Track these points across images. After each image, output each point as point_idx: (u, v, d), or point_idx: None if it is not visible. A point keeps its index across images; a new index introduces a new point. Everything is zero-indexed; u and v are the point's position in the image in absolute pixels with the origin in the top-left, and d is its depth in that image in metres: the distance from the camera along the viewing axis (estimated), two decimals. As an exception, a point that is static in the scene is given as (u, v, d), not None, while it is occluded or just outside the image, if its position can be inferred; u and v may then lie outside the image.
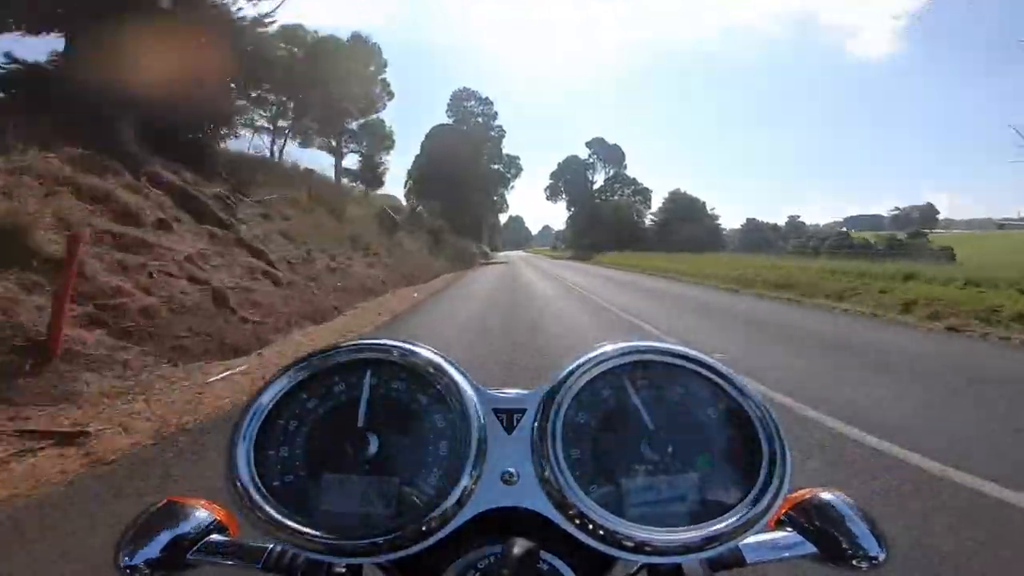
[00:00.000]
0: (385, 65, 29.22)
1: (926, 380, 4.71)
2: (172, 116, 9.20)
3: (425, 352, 0.47)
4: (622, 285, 16.43)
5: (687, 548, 0.39)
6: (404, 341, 0.48)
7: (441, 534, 0.40)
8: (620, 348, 0.47)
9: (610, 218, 55.69)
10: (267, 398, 0.45)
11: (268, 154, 20.37)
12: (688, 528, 0.40)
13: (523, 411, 0.45)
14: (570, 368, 0.46)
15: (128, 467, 2.72)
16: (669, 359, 0.47)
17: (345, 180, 26.65)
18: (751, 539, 0.43)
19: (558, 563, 0.41)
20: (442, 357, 0.47)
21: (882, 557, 0.45)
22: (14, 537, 2.07)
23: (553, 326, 7.84)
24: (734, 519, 0.40)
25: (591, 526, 0.40)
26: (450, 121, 48.92)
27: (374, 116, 30.06)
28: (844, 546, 0.45)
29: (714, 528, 0.40)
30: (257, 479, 0.42)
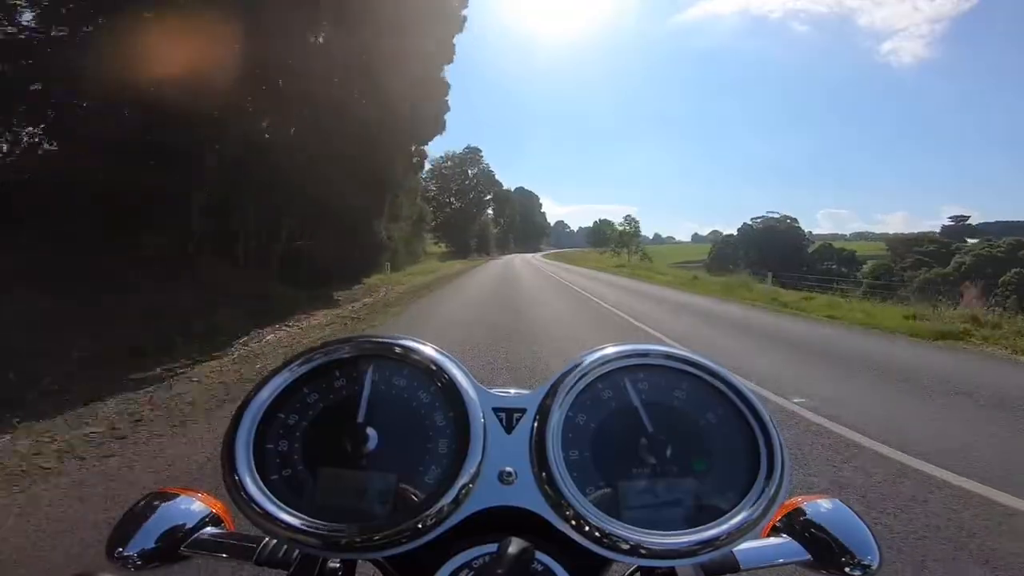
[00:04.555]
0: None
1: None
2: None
3: (427, 350, 0.47)
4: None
5: (681, 552, 0.40)
6: (407, 338, 0.48)
7: (437, 532, 0.40)
8: (621, 350, 0.47)
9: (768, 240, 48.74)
10: (267, 392, 0.45)
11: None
12: (683, 532, 0.40)
13: (523, 411, 0.45)
14: (571, 369, 0.46)
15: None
16: (670, 363, 0.47)
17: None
18: (745, 545, 0.43)
19: (553, 564, 0.41)
20: (444, 355, 0.47)
21: (875, 565, 0.45)
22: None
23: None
24: (729, 524, 0.40)
25: (587, 527, 0.40)
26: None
27: None
28: (837, 553, 0.45)
29: (709, 533, 0.40)
30: (255, 473, 0.42)
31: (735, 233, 59.79)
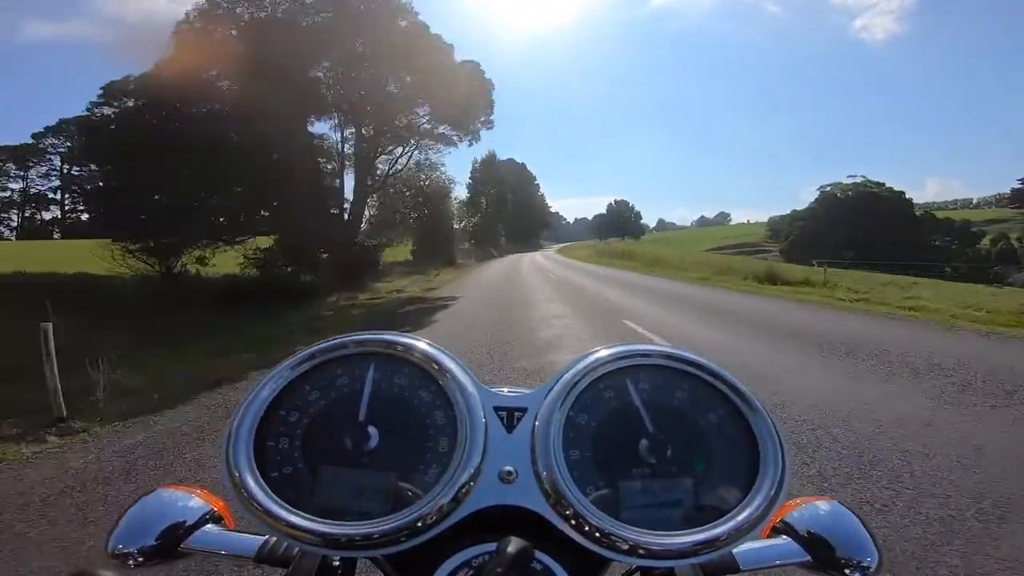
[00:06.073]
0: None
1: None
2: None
3: (428, 348, 0.47)
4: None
5: (681, 553, 0.40)
6: (408, 336, 0.48)
7: (437, 530, 0.40)
8: (622, 351, 0.47)
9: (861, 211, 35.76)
10: (269, 389, 0.45)
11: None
12: (683, 532, 0.40)
13: (524, 410, 0.45)
14: (572, 369, 0.46)
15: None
16: (672, 363, 0.47)
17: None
18: (745, 545, 0.43)
19: (552, 563, 0.41)
20: (445, 354, 0.47)
21: (874, 567, 0.45)
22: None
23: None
24: (729, 525, 0.40)
25: (587, 527, 0.40)
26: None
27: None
28: (837, 554, 0.45)
29: (709, 533, 0.40)
30: (256, 471, 0.42)
31: (814, 205, 45.98)
